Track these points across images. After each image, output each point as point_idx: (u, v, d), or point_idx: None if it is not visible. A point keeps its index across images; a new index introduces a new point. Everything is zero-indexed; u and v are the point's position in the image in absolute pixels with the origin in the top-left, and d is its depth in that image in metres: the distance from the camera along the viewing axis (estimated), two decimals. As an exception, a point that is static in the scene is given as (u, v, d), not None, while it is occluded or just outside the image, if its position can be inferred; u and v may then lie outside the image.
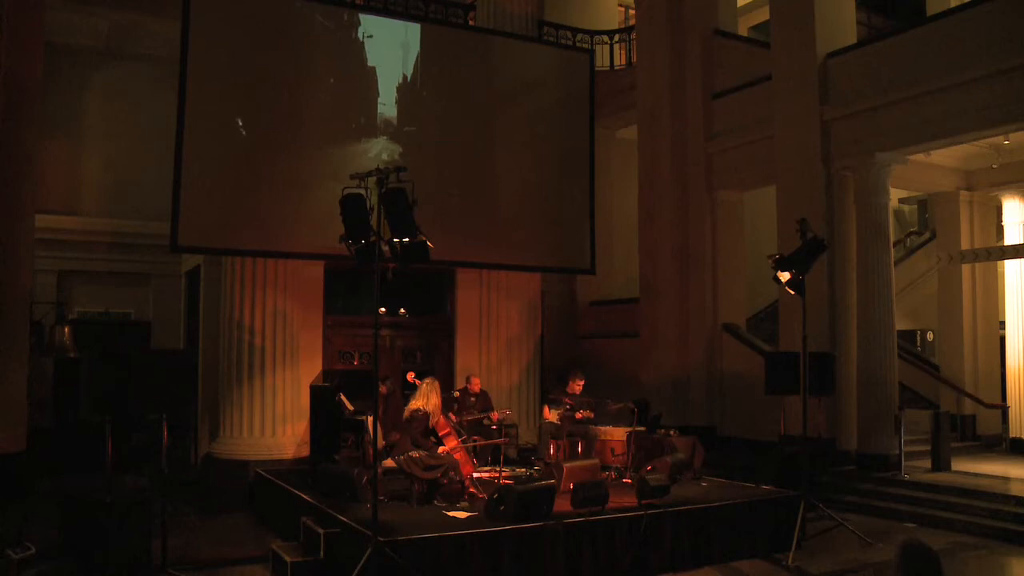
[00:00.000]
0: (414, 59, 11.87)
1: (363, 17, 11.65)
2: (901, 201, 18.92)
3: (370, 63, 11.56)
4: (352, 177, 6.59)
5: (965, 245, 13.12)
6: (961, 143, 11.10)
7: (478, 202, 12.34)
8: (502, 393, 12.20)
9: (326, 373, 11.61)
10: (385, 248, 6.60)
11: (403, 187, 6.43)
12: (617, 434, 9.91)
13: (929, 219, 16.87)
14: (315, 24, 11.28)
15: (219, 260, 11.46)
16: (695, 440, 10.03)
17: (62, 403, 12.11)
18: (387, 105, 11.64)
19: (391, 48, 11.73)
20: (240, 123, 10.67)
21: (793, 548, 7.78)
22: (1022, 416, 12.55)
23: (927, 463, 10.81)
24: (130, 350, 11.77)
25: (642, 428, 9.81)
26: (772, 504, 8.38)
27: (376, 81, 11.60)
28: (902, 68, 10.65)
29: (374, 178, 6.49)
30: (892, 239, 11.56)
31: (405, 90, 11.78)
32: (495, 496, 7.21)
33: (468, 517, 7.27)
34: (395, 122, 11.67)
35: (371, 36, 11.54)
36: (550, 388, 11.89)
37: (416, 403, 8.15)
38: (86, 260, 13.33)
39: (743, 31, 16.48)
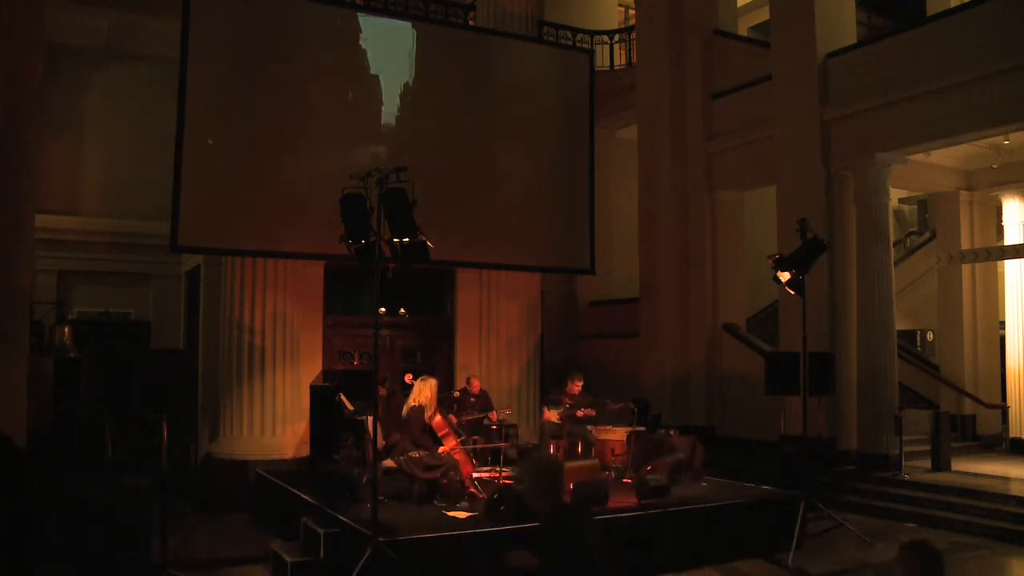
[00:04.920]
0: (414, 59, 11.86)
1: (363, 17, 11.66)
2: (901, 201, 18.91)
3: (371, 64, 11.56)
4: (352, 177, 6.59)
5: (965, 245, 13.12)
6: (961, 143, 11.10)
7: (478, 202, 12.34)
8: (502, 393, 12.19)
9: (326, 373, 11.61)
10: (385, 248, 6.60)
11: (403, 187, 6.43)
12: (617, 434, 9.91)
13: (929, 219, 16.87)
14: (315, 24, 11.28)
15: (219, 260, 11.45)
16: (695, 440, 10.02)
17: (62, 403, 12.09)
18: (387, 104, 11.64)
19: (391, 48, 11.72)
20: (240, 123, 10.68)
21: (793, 548, 7.78)
22: (1022, 416, 12.55)
23: (927, 463, 10.81)
24: (130, 350, 11.79)
25: (642, 428, 9.80)
26: (772, 504, 8.38)
27: (376, 81, 11.59)
28: (902, 68, 10.65)
29: (374, 178, 6.49)
30: (892, 239, 11.56)
31: (405, 89, 11.77)
32: (495, 496, 7.21)
33: (468, 517, 7.27)
34: (395, 121, 11.67)
35: (371, 35, 11.55)
36: (549, 389, 11.89)
37: (410, 402, 8.18)
38: (86, 260, 13.31)
39: (743, 31, 16.47)
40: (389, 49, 11.69)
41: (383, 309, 11.79)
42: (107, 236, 13.35)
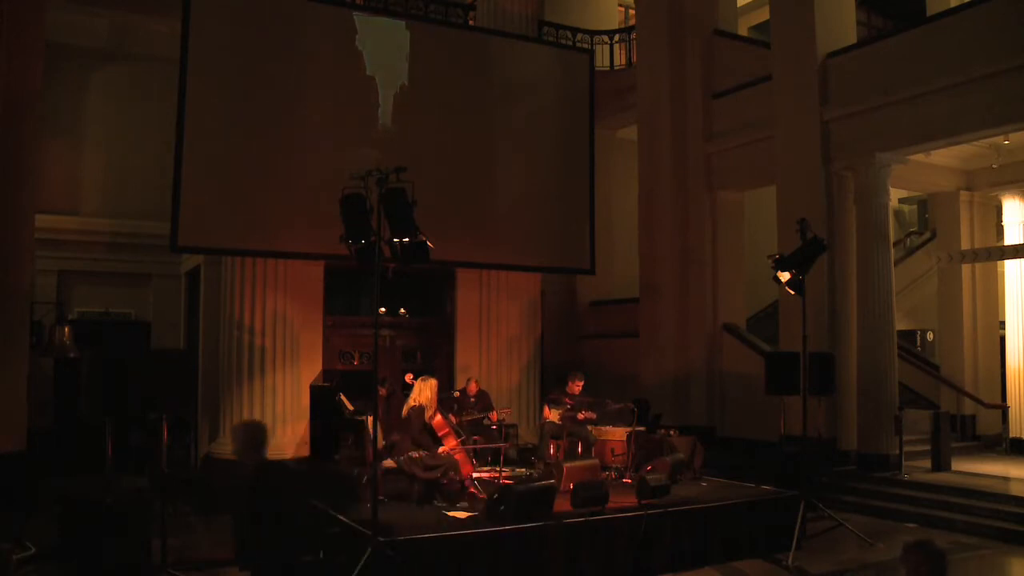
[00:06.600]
0: (414, 58, 11.86)
1: (363, 17, 11.66)
2: (901, 201, 18.92)
3: (370, 63, 11.56)
4: (352, 177, 6.58)
5: (965, 245, 13.12)
6: (961, 143, 11.10)
7: (478, 202, 12.34)
8: (502, 393, 12.20)
9: (326, 373, 11.61)
10: (385, 248, 6.59)
11: (403, 187, 6.43)
12: (617, 434, 9.91)
13: (929, 219, 16.87)
14: (316, 24, 11.29)
15: (219, 260, 11.46)
16: (695, 440, 10.02)
17: (62, 403, 12.10)
18: (387, 104, 11.64)
19: (392, 48, 11.73)
20: (239, 123, 10.69)
21: (793, 548, 7.78)
22: (1022, 416, 12.54)
23: (927, 463, 10.80)
24: (130, 351, 11.78)
25: (642, 428, 9.81)
26: (772, 504, 8.38)
27: (376, 81, 11.60)
28: (902, 68, 10.65)
29: (374, 178, 6.48)
30: (892, 239, 11.56)
31: (405, 89, 11.77)
32: (495, 496, 7.21)
33: (468, 517, 7.27)
34: (395, 121, 11.68)
35: (371, 36, 11.55)
36: (550, 388, 11.90)
37: (410, 402, 8.18)
38: (86, 260, 13.31)
39: (743, 31, 16.47)
40: (389, 49, 11.69)
41: (383, 309, 11.80)
42: (107, 236, 13.35)
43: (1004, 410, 12.74)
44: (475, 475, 8.63)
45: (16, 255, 9.38)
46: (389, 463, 8.13)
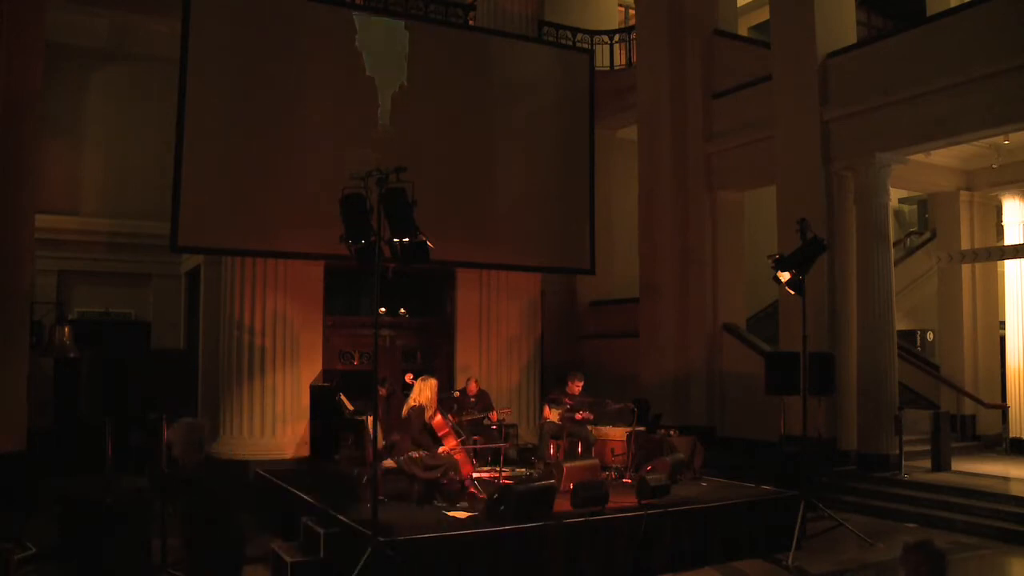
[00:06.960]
0: (414, 59, 11.87)
1: (363, 17, 11.67)
2: (901, 201, 18.92)
3: (370, 63, 11.57)
4: (352, 177, 6.58)
5: (965, 245, 13.12)
6: (961, 143, 11.10)
7: (478, 202, 12.35)
8: (502, 393, 12.20)
9: (326, 373, 11.62)
10: (385, 248, 6.59)
11: (403, 187, 6.43)
12: (617, 434, 9.91)
13: (929, 219, 16.87)
14: (316, 24, 11.30)
15: (219, 260, 11.47)
16: (695, 440, 10.02)
17: (62, 403, 12.10)
18: (388, 104, 11.65)
19: (392, 48, 11.73)
20: (239, 123, 10.69)
21: (793, 548, 7.78)
22: (1022, 416, 12.54)
23: (927, 463, 10.80)
24: (130, 351, 11.80)
25: (642, 428, 9.81)
26: (772, 504, 8.38)
27: (376, 81, 11.60)
28: (902, 68, 10.65)
29: (374, 178, 6.48)
30: (892, 239, 11.56)
31: (405, 89, 11.78)
32: (495, 496, 7.20)
33: (468, 517, 7.26)
34: (396, 121, 11.68)
35: (371, 36, 11.56)
36: (550, 388, 11.90)
37: (410, 402, 8.18)
38: (86, 260, 13.34)
39: (743, 31, 16.47)
40: (389, 49, 11.70)
41: (383, 309, 11.80)
42: (107, 236, 13.37)
43: (1004, 410, 12.74)
44: (475, 475, 8.63)
45: (16, 255, 9.38)
46: (389, 463, 8.13)
